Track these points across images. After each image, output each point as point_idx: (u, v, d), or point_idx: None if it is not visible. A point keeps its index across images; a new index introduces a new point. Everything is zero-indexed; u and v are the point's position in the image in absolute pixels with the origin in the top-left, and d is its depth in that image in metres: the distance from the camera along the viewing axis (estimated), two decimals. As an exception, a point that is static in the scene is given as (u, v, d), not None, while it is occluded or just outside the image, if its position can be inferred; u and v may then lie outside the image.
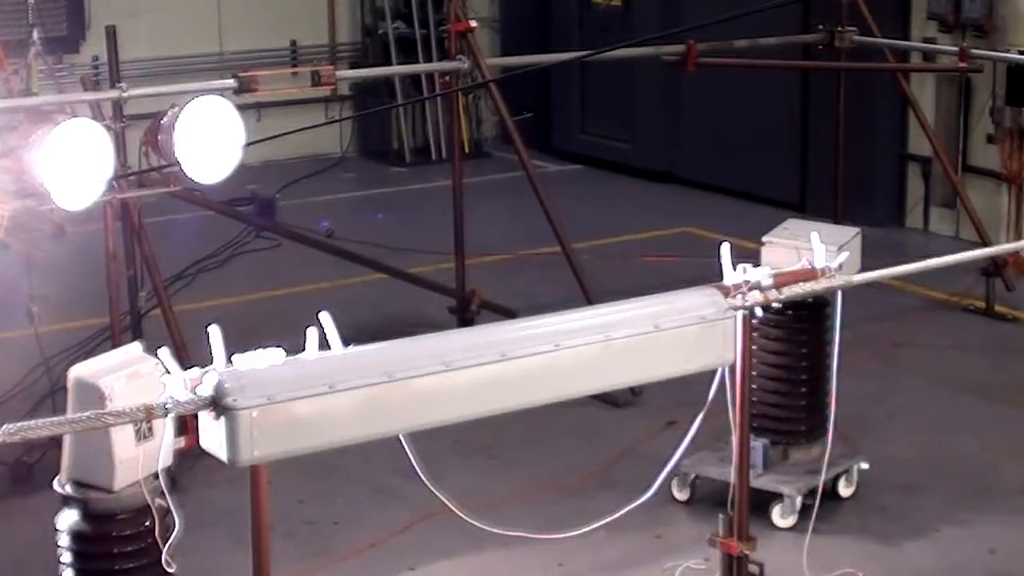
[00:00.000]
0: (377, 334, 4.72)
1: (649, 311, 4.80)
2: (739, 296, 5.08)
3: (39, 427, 3.88)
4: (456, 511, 5.21)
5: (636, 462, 7.10)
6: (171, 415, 4.09)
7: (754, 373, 6.33)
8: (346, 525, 6.65)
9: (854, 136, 10.36)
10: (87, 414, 4.14)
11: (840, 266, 5.58)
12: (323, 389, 4.09)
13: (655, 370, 4.90)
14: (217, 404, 4.03)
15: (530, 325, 4.62)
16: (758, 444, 6.50)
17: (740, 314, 5.09)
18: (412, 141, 14.41)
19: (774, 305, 5.73)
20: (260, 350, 4.29)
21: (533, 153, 10.33)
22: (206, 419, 4.07)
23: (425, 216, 11.48)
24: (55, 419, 3.99)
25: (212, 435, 4.07)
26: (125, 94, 7.30)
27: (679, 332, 4.73)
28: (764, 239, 6.62)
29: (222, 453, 4.04)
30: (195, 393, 4.07)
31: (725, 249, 5.22)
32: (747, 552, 5.43)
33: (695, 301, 4.91)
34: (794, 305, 6.50)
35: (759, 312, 5.55)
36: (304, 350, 4.36)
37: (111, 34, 7.45)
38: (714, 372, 5.11)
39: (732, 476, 5.41)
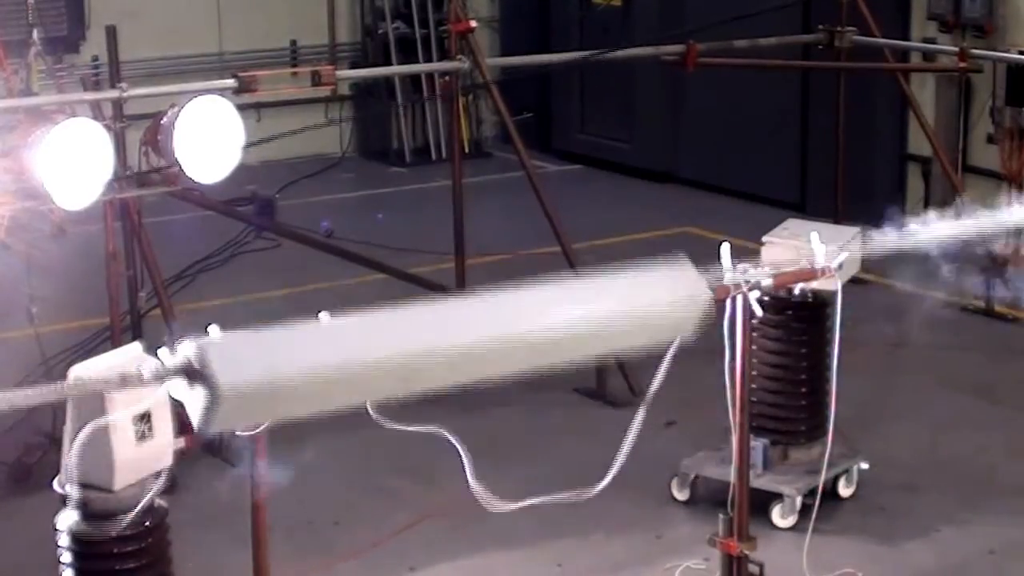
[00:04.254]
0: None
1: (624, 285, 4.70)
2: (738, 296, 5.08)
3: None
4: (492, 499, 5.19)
5: (636, 462, 7.09)
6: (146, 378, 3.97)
7: (754, 373, 6.34)
8: (346, 525, 6.65)
9: (854, 136, 10.36)
10: (60, 384, 4.08)
11: (840, 266, 5.58)
12: (304, 360, 3.98)
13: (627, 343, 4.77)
14: (193, 373, 3.88)
15: (510, 299, 4.52)
16: (758, 444, 6.50)
17: (740, 313, 5.10)
18: (412, 141, 14.41)
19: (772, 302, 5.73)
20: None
21: (533, 153, 10.34)
22: (182, 386, 3.93)
23: (425, 216, 11.48)
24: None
25: (189, 400, 3.93)
26: (125, 94, 7.30)
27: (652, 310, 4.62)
28: (764, 239, 6.62)
29: (196, 422, 3.91)
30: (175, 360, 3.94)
31: (725, 249, 5.22)
32: (747, 552, 5.43)
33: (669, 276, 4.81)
34: (794, 305, 6.50)
35: (759, 312, 5.55)
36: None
37: (111, 34, 7.45)
38: (714, 371, 5.11)
39: (732, 476, 5.41)
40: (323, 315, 4.45)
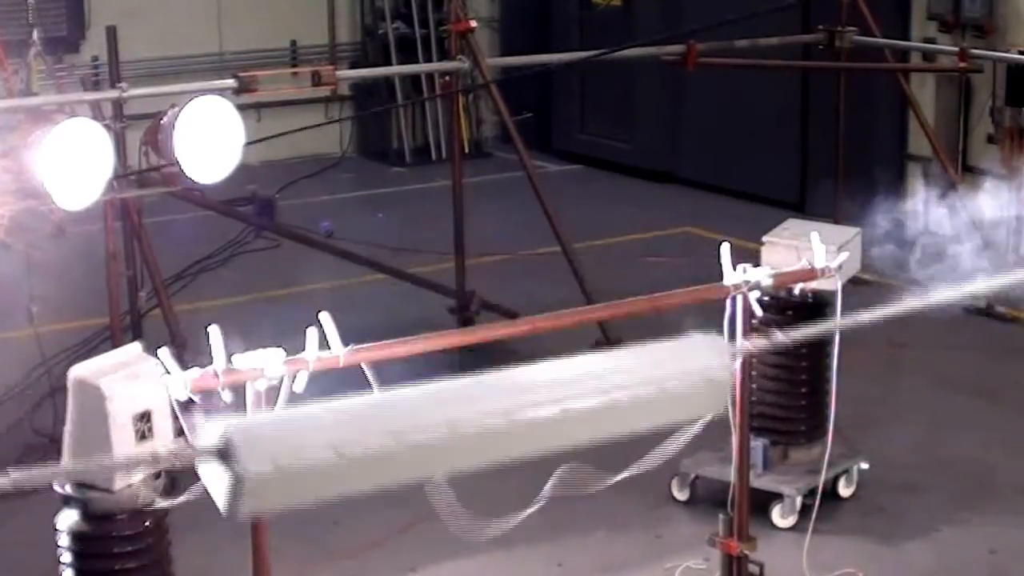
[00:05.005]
0: (377, 334, 4.72)
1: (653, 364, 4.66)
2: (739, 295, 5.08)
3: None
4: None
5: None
6: (176, 460, 4.00)
7: (754, 373, 6.33)
8: (346, 525, 6.65)
9: (854, 136, 10.36)
10: (95, 464, 4.10)
11: (840, 266, 5.58)
12: (328, 453, 3.99)
13: (654, 420, 4.77)
14: (222, 455, 3.90)
15: (535, 382, 4.49)
16: (758, 444, 6.50)
17: (740, 313, 5.10)
18: (412, 141, 14.41)
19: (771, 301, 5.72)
20: (260, 350, 4.30)
21: (533, 153, 10.34)
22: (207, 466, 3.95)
23: (425, 216, 11.48)
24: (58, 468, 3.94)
25: (212, 481, 3.95)
26: (125, 94, 7.31)
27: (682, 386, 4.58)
28: (764, 239, 6.62)
29: (220, 504, 3.93)
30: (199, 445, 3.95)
31: (725, 249, 5.23)
32: (747, 552, 5.44)
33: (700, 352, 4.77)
34: (794, 305, 6.50)
35: (759, 311, 5.56)
36: (304, 350, 4.37)
37: (111, 34, 7.46)
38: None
39: (732, 476, 5.41)
40: (323, 315, 4.46)
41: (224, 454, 3.77)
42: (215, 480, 3.85)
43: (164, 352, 4.36)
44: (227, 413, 4.21)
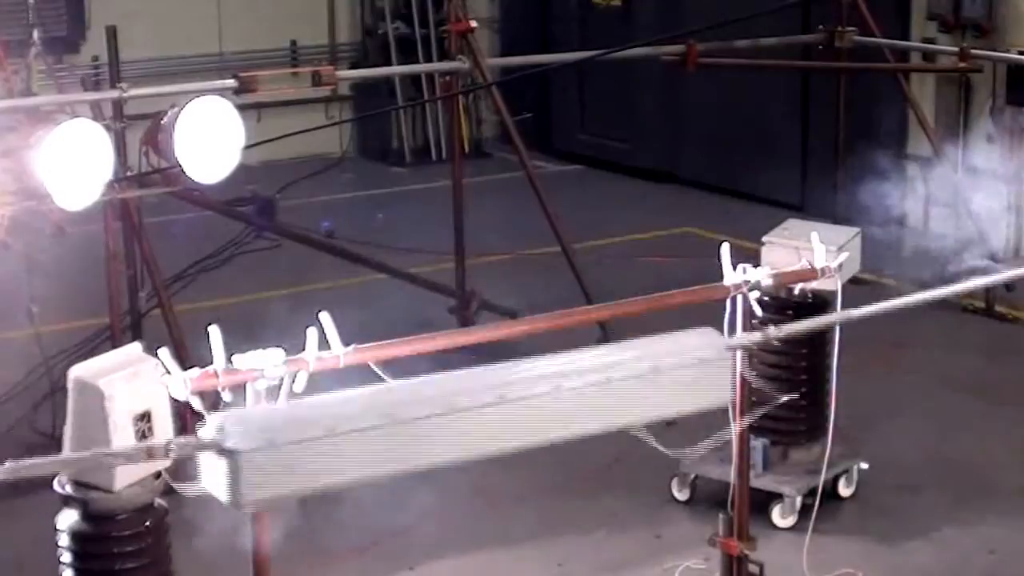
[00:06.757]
0: (377, 334, 4.72)
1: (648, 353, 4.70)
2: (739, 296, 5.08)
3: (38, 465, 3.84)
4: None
5: (636, 462, 7.10)
6: (172, 453, 4.01)
7: (754, 373, 6.32)
8: (346, 525, 6.64)
9: (854, 136, 10.36)
10: (87, 453, 4.12)
11: (840, 266, 5.58)
12: (323, 435, 4.00)
13: (654, 411, 4.80)
14: (219, 448, 3.93)
15: (531, 367, 4.52)
16: (758, 444, 6.50)
17: (740, 313, 5.10)
18: (412, 141, 14.41)
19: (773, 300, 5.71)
20: (260, 350, 4.29)
21: (533, 153, 10.34)
22: (207, 460, 3.98)
23: (425, 216, 11.47)
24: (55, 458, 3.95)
25: (213, 476, 3.98)
26: (125, 94, 7.31)
27: (678, 374, 4.61)
28: (764, 239, 6.62)
29: (223, 496, 3.96)
30: (197, 436, 3.99)
31: (725, 249, 5.22)
32: (747, 552, 5.43)
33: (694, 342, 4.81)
34: (794, 305, 6.50)
35: (759, 312, 5.55)
36: (304, 350, 4.36)
37: (111, 34, 7.46)
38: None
39: (732, 476, 5.41)
40: (323, 315, 4.45)
41: (221, 442, 3.81)
42: (215, 472, 3.88)
43: (164, 352, 4.36)
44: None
